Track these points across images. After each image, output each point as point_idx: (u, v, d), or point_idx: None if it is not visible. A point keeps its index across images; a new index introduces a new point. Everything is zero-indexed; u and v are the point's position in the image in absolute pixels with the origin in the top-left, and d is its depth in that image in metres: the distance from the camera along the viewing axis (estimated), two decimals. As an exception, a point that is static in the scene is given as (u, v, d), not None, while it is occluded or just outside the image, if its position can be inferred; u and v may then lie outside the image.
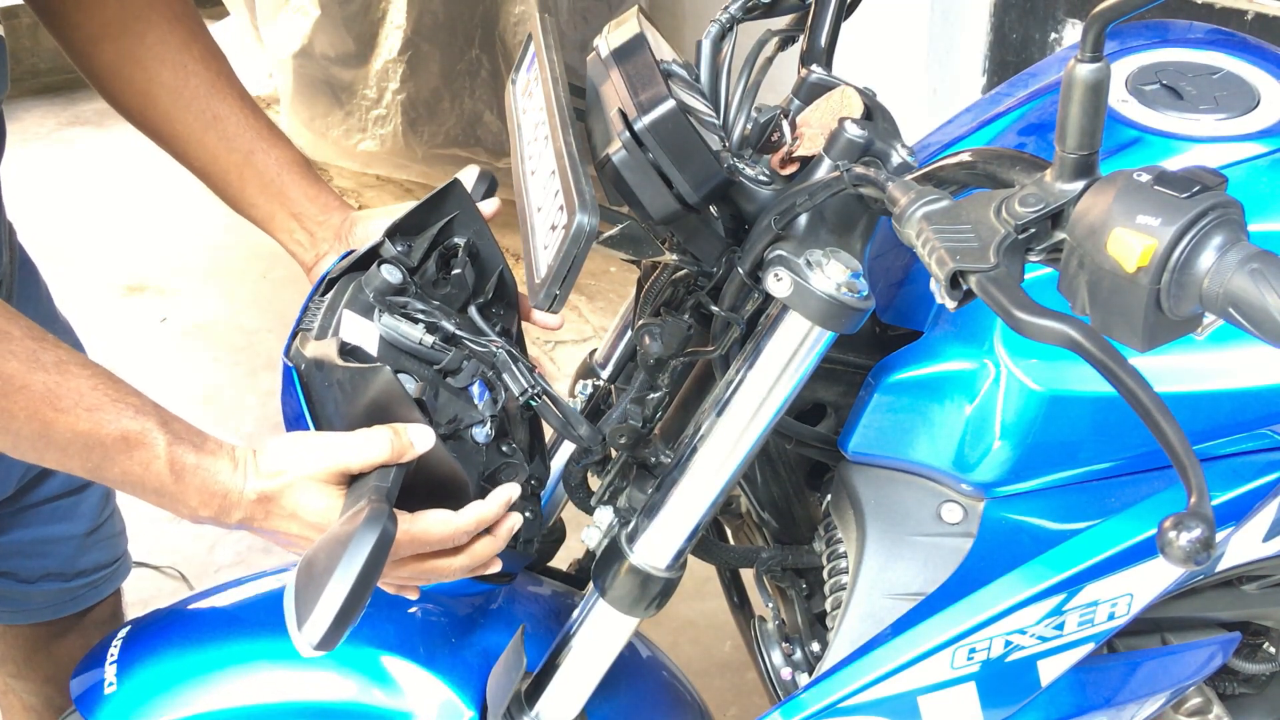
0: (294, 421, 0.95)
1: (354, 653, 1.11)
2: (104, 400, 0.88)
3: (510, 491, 0.97)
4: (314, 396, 0.94)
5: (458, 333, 0.99)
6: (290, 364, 0.95)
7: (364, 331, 0.96)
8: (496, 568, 0.99)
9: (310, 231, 1.15)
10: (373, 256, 1.02)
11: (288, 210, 1.16)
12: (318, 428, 0.94)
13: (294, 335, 0.98)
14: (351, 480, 0.91)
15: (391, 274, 0.99)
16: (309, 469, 0.90)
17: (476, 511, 0.94)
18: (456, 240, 1.06)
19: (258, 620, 1.15)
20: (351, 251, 1.05)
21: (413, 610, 1.15)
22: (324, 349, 0.93)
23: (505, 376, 0.99)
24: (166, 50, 1.12)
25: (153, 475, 0.89)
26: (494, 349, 1.00)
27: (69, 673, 1.14)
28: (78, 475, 0.90)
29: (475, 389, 1.00)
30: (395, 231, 1.02)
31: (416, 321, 0.98)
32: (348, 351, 0.93)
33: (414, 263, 1.02)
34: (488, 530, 0.96)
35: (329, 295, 1.00)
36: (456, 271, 1.04)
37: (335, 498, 0.91)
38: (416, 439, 0.90)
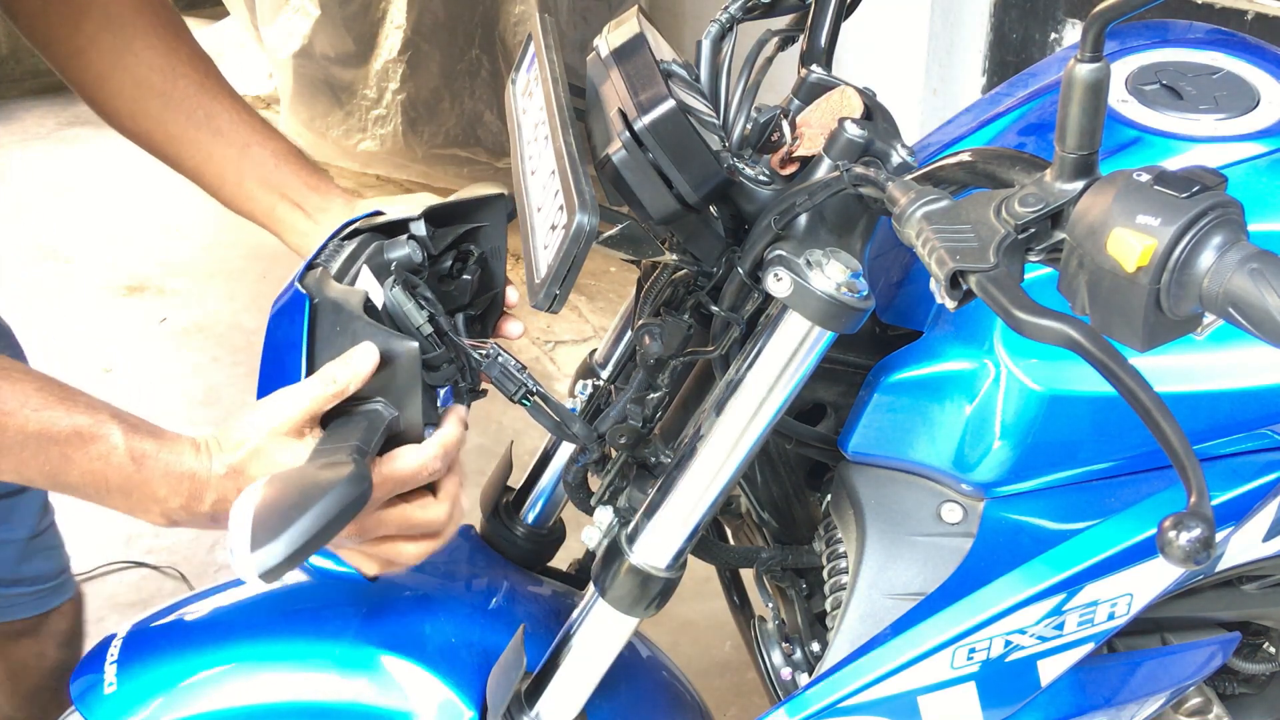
0: (284, 350, 0.93)
1: (354, 653, 1.11)
2: (51, 400, 0.86)
3: (460, 412, 0.97)
4: (318, 334, 0.92)
5: (450, 334, 0.99)
6: (304, 292, 0.93)
7: (372, 293, 0.95)
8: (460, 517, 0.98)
9: (314, 220, 1.14)
10: (399, 226, 1.01)
11: (289, 201, 1.14)
12: (309, 366, 0.92)
13: (309, 266, 0.96)
14: (323, 422, 0.90)
15: (415, 252, 0.99)
16: (272, 426, 0.89)
17: (439, 438, 0.93)
18: (472, 248, 1.06)
19: (258, 621, 1.15)
20: (378, 212, 1.05)
21: (413, 610, 1.15)
22: (348, 296, 0.91)
23: (499, 376, 0.99)
24: (153, 55, 1.12)
25: (114, 468, 0.87)
26: (489, 348, 1.00)
27: (22, 680, 1.13)
28: (37, 485, 0.88)
29: (442, 393, 1.00)
30: (430, 215, 1.02)
31: (421, 307, 0.98)
32: (369, 309, 0.93)
33: (435, 251, 1.02)
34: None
35: (351, 243, 0.99)
36: (466, 277, 1.04)
37: (306, 447, 0.89)
38: (359, 364, 0.89)
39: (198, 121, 1.13)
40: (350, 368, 0.89)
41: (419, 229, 1.01)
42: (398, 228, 1.02)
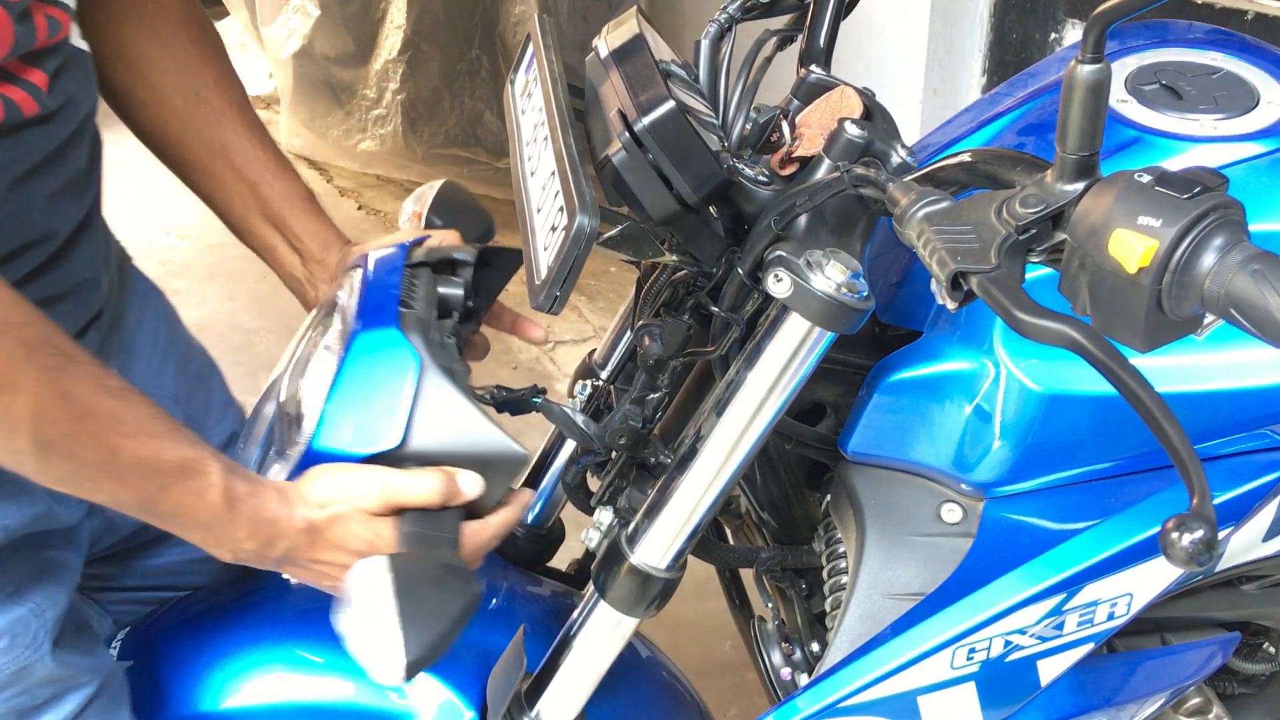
0: (381, 395, 0.91)
1: (354, 653, 1.11)
2: (162, 428, 0.87)
3: (526, 497, 1.00)
4: (420, 397, 0.91)
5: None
6: (418, 353, 0.92)
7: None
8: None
9: (309, 269, 1.16)
10: (448, 262, 1.03)
11: (289, 243, 1.16)
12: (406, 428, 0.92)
13: (398, 301, 0.95)
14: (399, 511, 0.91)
15: (459, 292, 1.01)
16: (360, 502, 0.90)
17: (505, 521, 0.97)
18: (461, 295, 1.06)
19: (258, 621, 1.15)
20: (426, 238, 1.06)
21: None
22: (456, 371, 0.93)
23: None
24: (180, 76, 1.11)
25: (206, 505, 0.87)
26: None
27: None
28: (125, 509, 0.88)
29: None
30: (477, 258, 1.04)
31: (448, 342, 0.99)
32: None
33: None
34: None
35: (420, 278, 1.00)
36: (449, 320, 1.04)
37: (384, 530, 0.90)
38: (467, 488, 0.91)
39: (213, 151, 1.13)
40: (458, 491, 0.91)
41: (467, 274, 1.03)
42: (445, 264, 1.04)
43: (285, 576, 0.97)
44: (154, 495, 0.87)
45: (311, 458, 0.92)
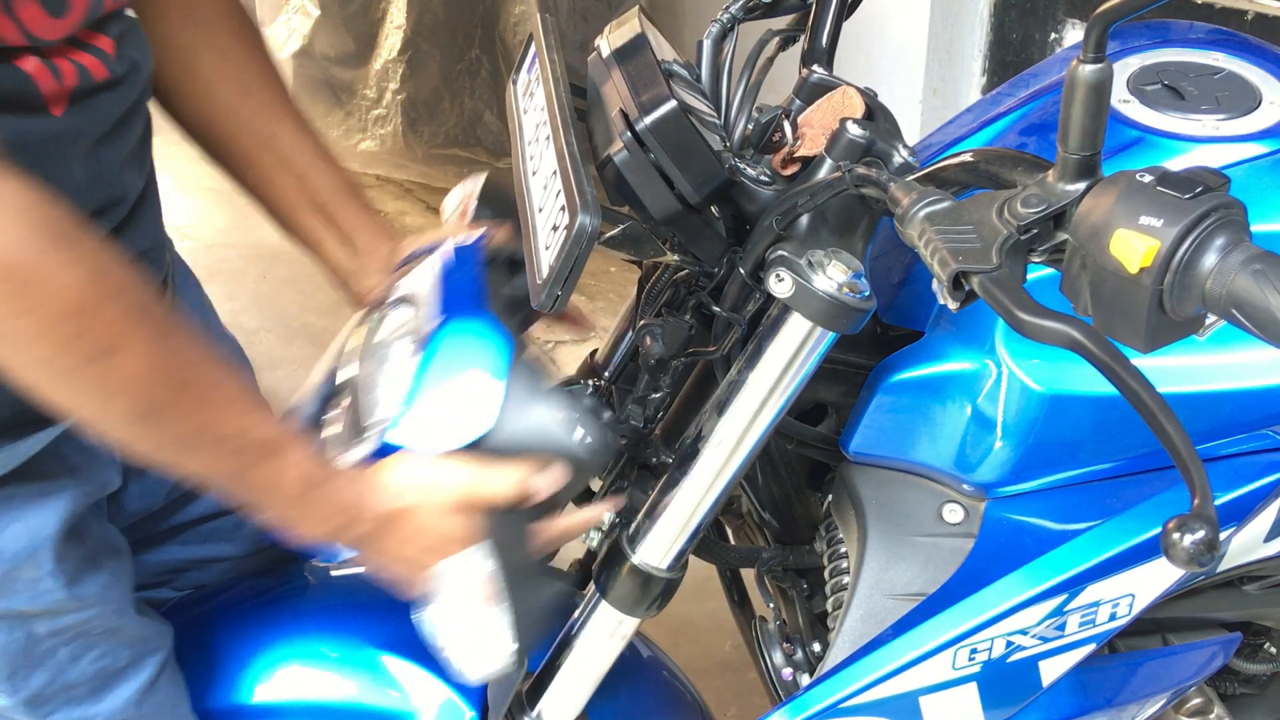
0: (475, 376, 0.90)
1: (354, 653, 1.11)
2: (249, 406, 0.87)
3: (609, 505, 1.03)
4: (511, 384, 0.91)
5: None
6: (513, 339, 0.92)
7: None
8: None
9: (360, 261, 1.14)
10: (509, 261, 1.03)
11: (338, 236, 1.14)
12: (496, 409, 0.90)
13: (485, 292, 0.96)
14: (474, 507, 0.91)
15: (523, 293, 1.00)
16: (438, 496, 0.89)
17: (586, 519, 1.00)
18: None
19: (258, 620, 1.15)
20: (486, 233, 1.06)
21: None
22: (541, 365, 0.92)
23: None
24: (226, 67, 1.11)
25: (287, 484, 0.87)
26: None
27: None
28: (208, 485, 0.88)
29: None
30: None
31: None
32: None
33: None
34: None
35: (495, 275, 1.00)
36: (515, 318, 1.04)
37: (458, 525, 0.90)
38: (549, 485, 0.91)
39: (260, 143, 1.12)
40: (536, 490, 0.90)
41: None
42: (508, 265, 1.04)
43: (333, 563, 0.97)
44: (237, 473, 0.87)
45: (389, 447, 0.91)
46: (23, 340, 0.76)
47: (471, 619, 0.83)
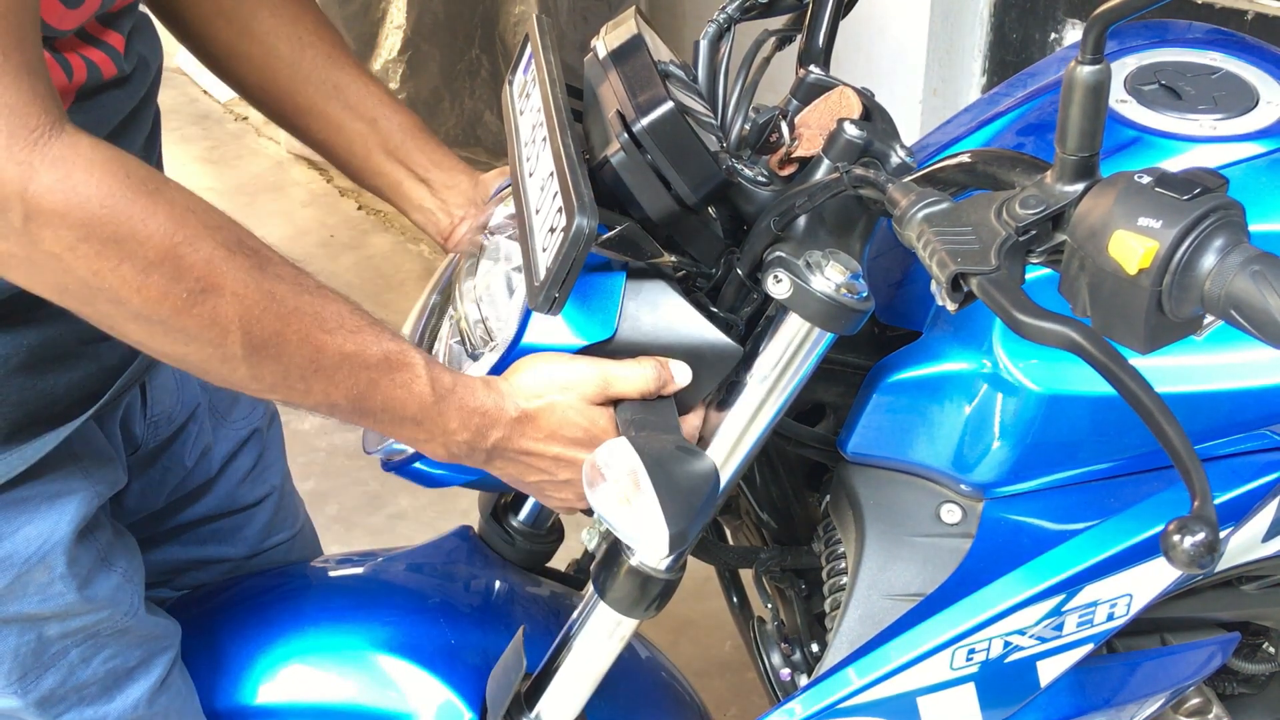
0: (597, 286, 0.91)
1: (354, 653, 1.11)
2: (362, 323, 0.86)
3: None
4: (629, 292, 0.92)
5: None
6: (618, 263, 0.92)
7: None
8: None
9: (441, 198, 1.14)
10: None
11: (415, 176, 1.14)
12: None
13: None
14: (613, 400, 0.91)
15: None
16: (577, 389, 0.90)
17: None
18: None
19: (257, 620, 1.15)
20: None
21: (412, 612, 1.15)
22: (662, 268, 0.92)
23: None
24: (280, 24, 1.10)
25: (414, 397, 0.87)
26: None
27: None
28: (338, 411, 0.88)
29: None
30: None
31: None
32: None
33: None
34: None
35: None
36: None
37: (600, 417, 0.90)
38: (679, 376, 0.91)
39: (326, 93, 1.12)
40: (668, 379, 0.91)
41: None
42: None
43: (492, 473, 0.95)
44: (364, 391, 0.86)
45: (517, 352, 0.92)
46: (124, 293, 0.76)
47: (625, 508, 0.83)
